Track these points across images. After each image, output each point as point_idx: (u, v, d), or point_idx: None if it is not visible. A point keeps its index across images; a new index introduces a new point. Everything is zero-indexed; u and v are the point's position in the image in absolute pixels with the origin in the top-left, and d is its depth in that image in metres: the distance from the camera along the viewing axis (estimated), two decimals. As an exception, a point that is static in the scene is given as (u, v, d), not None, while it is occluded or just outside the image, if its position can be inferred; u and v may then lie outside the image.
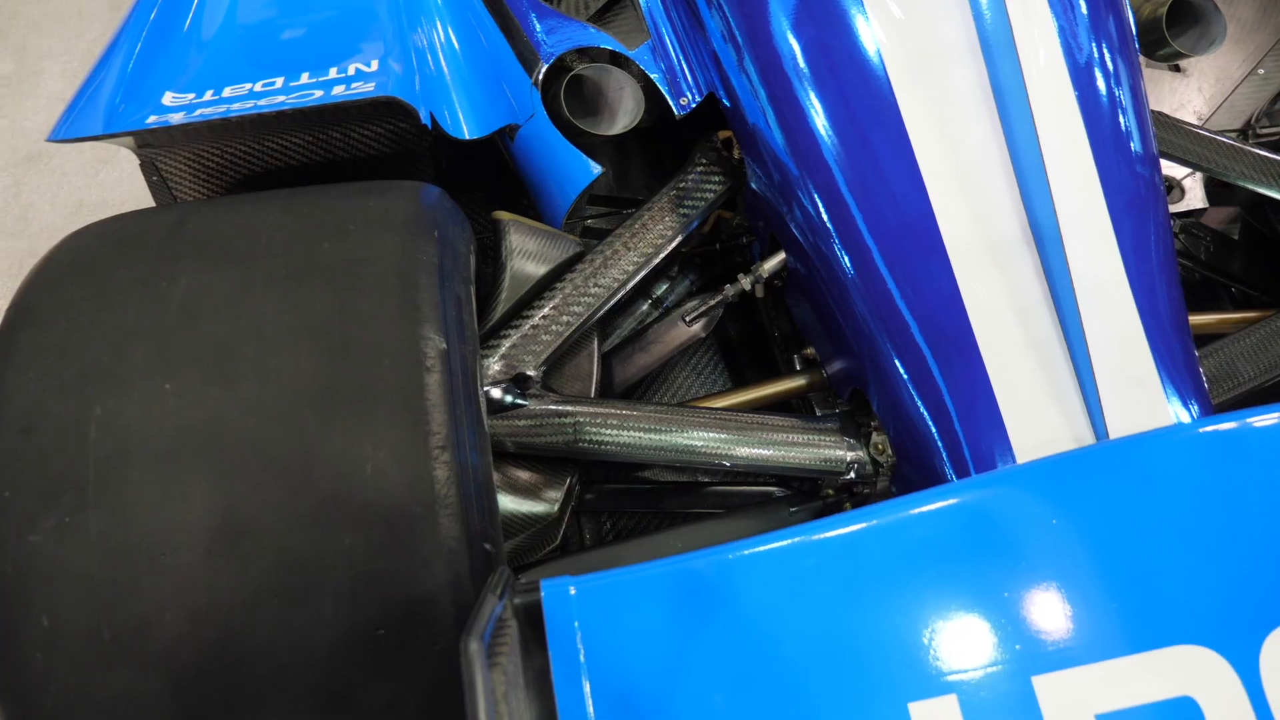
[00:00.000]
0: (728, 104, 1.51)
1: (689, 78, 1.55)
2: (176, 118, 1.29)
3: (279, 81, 1.37)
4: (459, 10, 1.63)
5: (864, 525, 0.92)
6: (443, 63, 1.54)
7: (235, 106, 1.30)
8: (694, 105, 1.53)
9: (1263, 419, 0.96)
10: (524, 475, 1.37)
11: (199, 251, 1.12)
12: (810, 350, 1.72)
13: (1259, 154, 1.53)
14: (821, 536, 0.91)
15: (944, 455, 1.27)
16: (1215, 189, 1.92)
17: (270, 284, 1.08)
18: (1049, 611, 0.87)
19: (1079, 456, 0.95)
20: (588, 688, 0.84)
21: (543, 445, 1.34)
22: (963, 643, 0.86)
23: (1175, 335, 1.26)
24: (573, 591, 0.87)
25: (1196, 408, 1.21)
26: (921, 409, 1.28)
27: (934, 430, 1.28)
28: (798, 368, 1.75)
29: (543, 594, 0.87)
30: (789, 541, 0.90)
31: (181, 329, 1.04)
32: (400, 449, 1.00)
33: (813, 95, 1.34)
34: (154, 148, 1.51)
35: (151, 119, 1.28)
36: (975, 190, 1.27)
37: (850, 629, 0.88)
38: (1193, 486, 0.92)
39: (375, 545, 0.97)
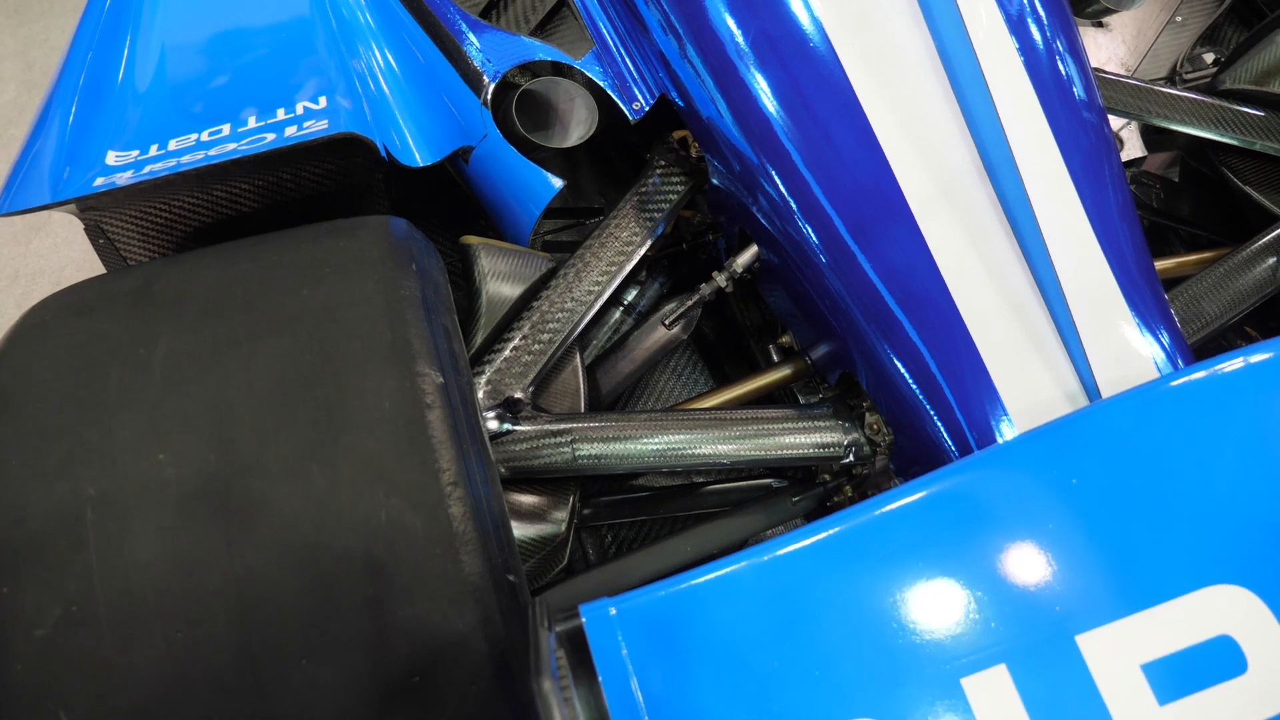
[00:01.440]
0: (680, 103, 1.51)
1: (639, 81, 1.55)
2: (124, 177, 1.25)
3: (225, 129, 1.33)
4: (392, 31, 1.60)
5: (890, 508, 0.93)
6: (386, 89, 1.51)
7: (185, 160, 1.26)
8: (647, 108, 1.53)
9: (1256, 357, 0.98)
10: (528, 500, 1.35)
11: (173, 312, 1.08)
12: (785, 339, 1.73)
13: (1195, 99, 1.58)
14: (850, 525, 0.91)
15: (938, 423, 1.28)
16: (1150, 136, 1.97)
17: (253, 338, 1.04)
18: (1080, 570, 0.89)
19: (1084, 416, 0.97)
20: (643, 706, 0.83)
21: (542, 467, 1.33)
22: (1002, 612, 0.87)
23: (1145, 283, 1.29)
24: (613, 612, 0.86)
25: (1176, 352, 1.25)
26: (909, 380, 1.30)
27: (924, 399, 1.29)
28: (775, 358, 1.76)
29: (584, 619, 0.86)
30: (819, 536, 0.90)
31: (167, 396, 1.00)
32: (412, 491, 0.98)
33: (758, 75, 1.34)
34: (98, 210, 1.45)
35: (99, 181, 1.24)
36: (934, 154, 1.29)
37: (891, 614, 0.88)
38: (1197, 433, 0.95)
39: (400, 593, 0.95)
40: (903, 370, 1.30)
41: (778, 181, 1.36)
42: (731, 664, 0.86)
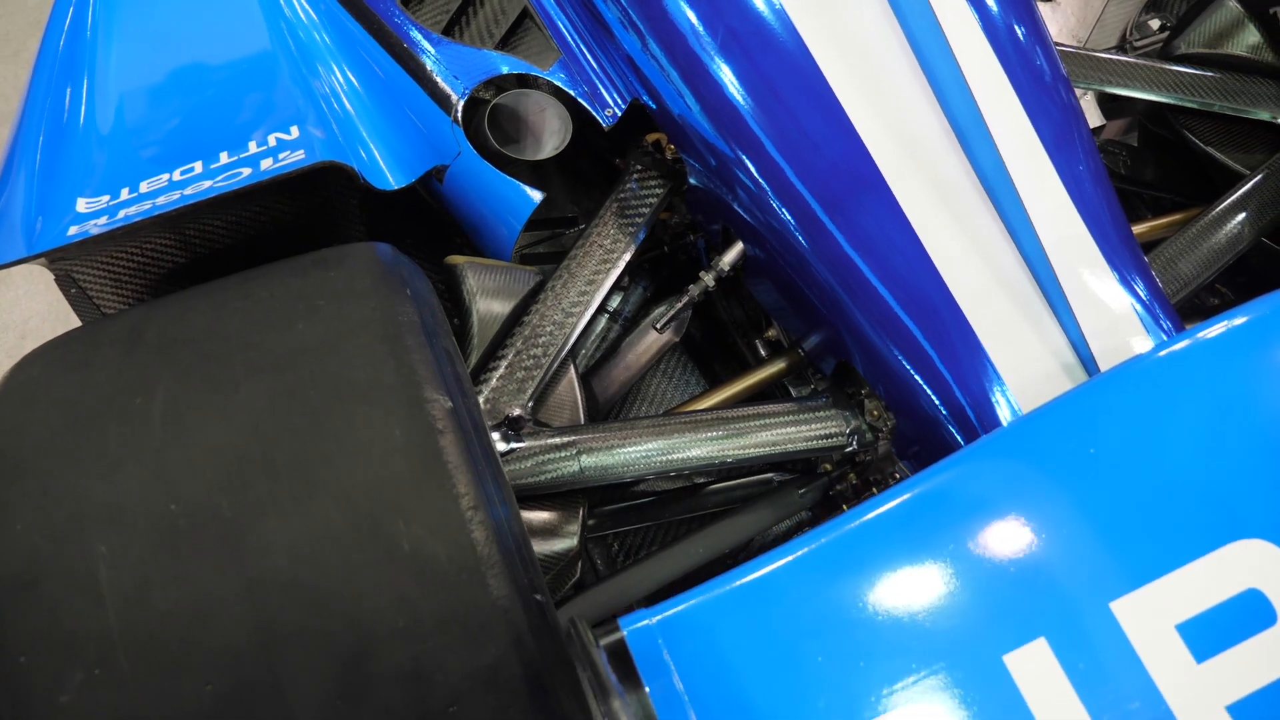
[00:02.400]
0: (652, 105, 1.51)
1: (609, 86, 1.54)
2: (98, 224, 1.22)
3: (197, 166, 1.31)
4: (351, 52, 1.58)
5: (912, 495, 0.93)
6: (353, 113, 1.49)
7: (160, 201, 1.24)
8: (620, 114, 1.52)
9: (1239, 319, 1.00)
10: (538, 516, 1.34)
11: (167, 359, 1.05)
12: (772, 332, 1.74)
13: (1153, 66, 1.61)
14: (877, 514, 0.92)
15: (936, 401, 1.30)
16: (1106, 104, 2.01)
17: (254, 378, 1.02)
18: (1107, 539, 0.90)
19: (1095, 387, 0.99)
20: (692, 713, 0.82)
21: (549, 482, 1.32)
22: (1036, 586, 0.88)
23: (1127, 248, 1.32)
24: (654, 622, 0.86)
25: (1164, 315, 1.27)
26: (903, 360, 1.31)
27: (920, 379, 1.30)
28: (762, 352, 1.76)
29: (625, 634, 0.85)
30: (850, 527, 0.91)
31: (172, 444, 0.98)
32: (432, 519, 0.96)
33: (722, 65, 1.35)
34: (68, 259, 1.42)
35: (73, 230, 1.21)
36: (908, 130, 1.31)
37: (927, 598, 0.89)
38: (1201, 395, 0.96)
39: (430, 623, 0.94)
40: (896, 351, 1.32)
41: (753, 171, 1.36)
42: (774, 662, 0.86)
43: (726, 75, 1.36)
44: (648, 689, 0.83)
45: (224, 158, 1.31)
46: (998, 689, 0.84)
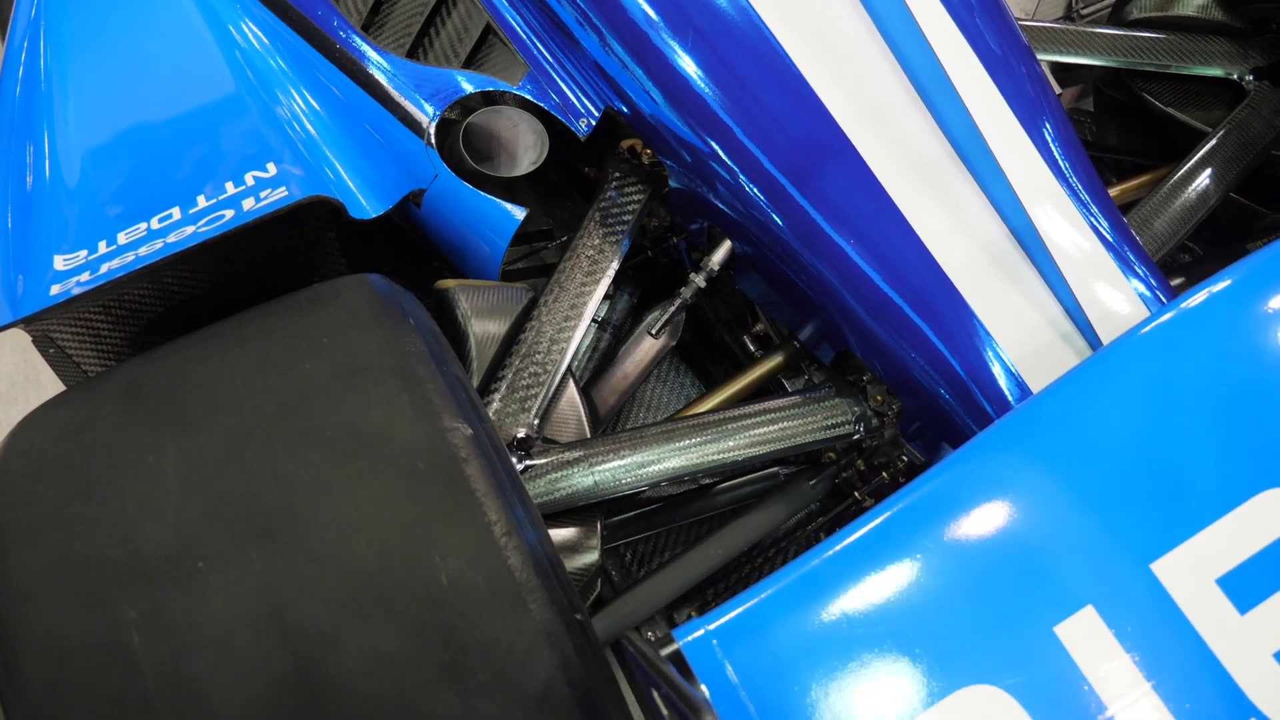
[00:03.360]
0: (625, 110, 1.50)
1: (581, 96, 1.54)
2: (81, 280, 1.18)
3: (175, 213, 1.27)
4: (314, 82, 1.55)
5: (949, 476, 0.94)
6: (321, 141, 1.47)
7: (142, 251, 1.20)
8: (594, 123, 1.52)
9: (1220, 283, 1.03)
10: (559, 534, 1.33)
11: (172, 412, 1.03)
12: (759, 327, 1.75)
13: (1108, 33, 1.65)
14: (915, 499, 0.93)
15: (936, 378, 1.31)
16: (1059, 72, 2.05)
17: (267, 424, 1.00)
18: (1140, 502, 0.92)
19: (1108, 355, 1.00)
20: (756, 716, 0.82)
21: (565, 499, 1.31)
22: (1077, 555, 0.90)
23: (1108, 213, 1.34)
24: (710, 630, 0.86)
25: (1152, 276, 1.30)
26: (900, 341, 1.32)
27: (918, 358, 1.31)
28: (751, 348, 1.77)
29: (681, 646, 0.85)
30: (889, 515, 0.91)
31: (191, 500, 0.95)
32: (468, 550, 0.95)
33: (683, 54, 1.36)
34: (46, 320, 1.37)
35: (55, 290, 1.17)
36: (882, 112, 1.33)
37: (972, 579, 0.89)
38: (1210, 356, 0.98)
39: (477, 654, 0.92)
40: (891, 332, 1.32)
41: (728, 161, 1.37)
42: (830, 656, 0.86)
43: (689, 65, 1.36)
44: (710, 696, 0.82)
45: (202, 201, 1.28)
46: (1052, 660, 0.85)
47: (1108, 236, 1.31)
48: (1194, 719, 0.83)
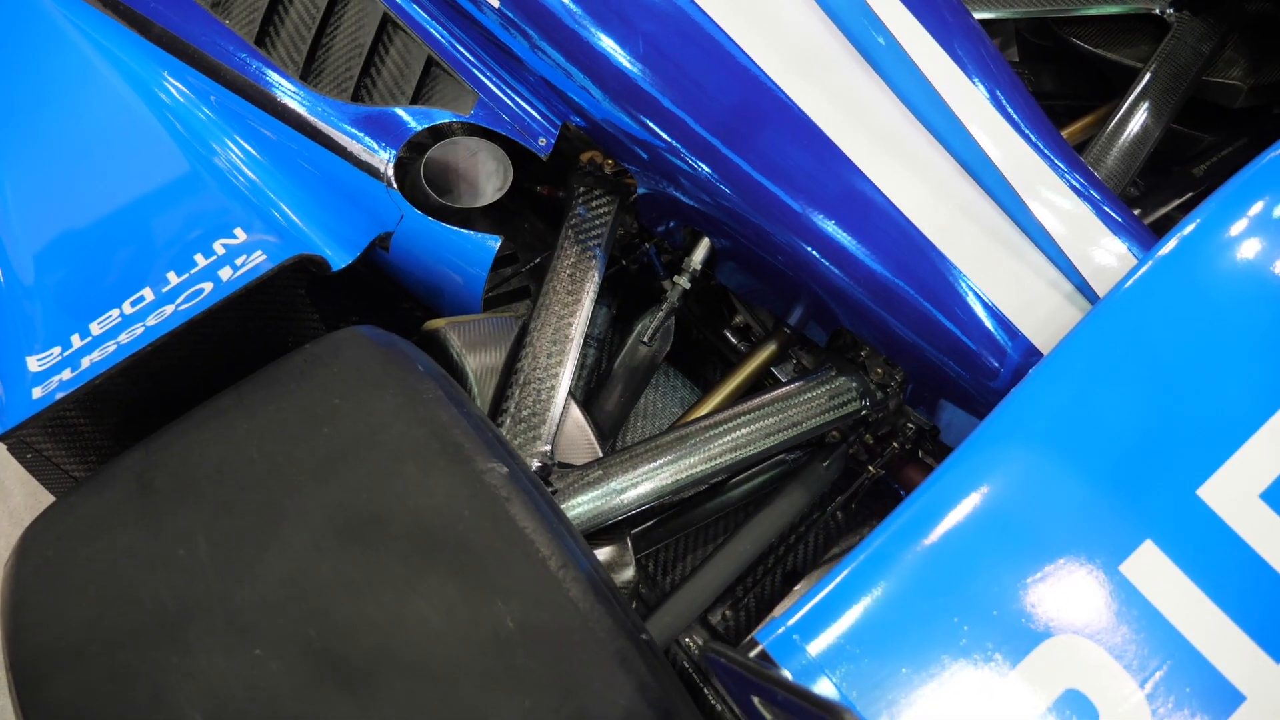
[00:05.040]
0: (580, 121, 1.50)
1: (535, 116, 1.52)
2: (64, 378, 1.13)
3: (147, 294, 1.23)
4: (258, 138, 1.51)
5: (986, 440, 0.96)
6: (276, 198, 1.43)
7: (123, 339, 1.16)
8: (554, 140, 1.50)
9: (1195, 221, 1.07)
10: (598, 555, 1.31)
11: (192, 499, 0.99)
12: (739, 319, 1.75)
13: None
14: (962, 467, 0.94)
15: (932, 343, 1.32)
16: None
17: (298, 496, 0.97)
18: (1175, 433, 0.94)
19: (1115, 302, 1.03)
20: (854, 700, 0.82)
21: (594, 521, 1.29)
22: (1126, 494, 0.92)
23: (1069, 158, 1.38)
24: (790, 625, 0.86)
25: (1123, 215, 1.34)
26: (894, 310, 1.33)
27: (913, 325, 1.33)
28: (733, 340, 1.77)
29: (765, 647, 0.85)
30: (943, 483, 0.92)
31: (234, 587, 0.92)
32: (528, 591, 0.93)
33: (610, 42, 1.37)
34: (24, 428, 1.31)
35: (38, 392, 1.12)
36: (822, 71, 1.35)
37: (1031, 533, 0.91)
38: (1215, 284, 1.02)
39: (555, 692, 0.91)
40: (881, 302, 1.33)
41: (683, 151, 1.38)
42: (911, 628, 0.87)
43: (618, 51, 1.37)
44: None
45: (173, 278, 1.23)
46: (1124, 598, 0.87)
47: (1078, 185, 1.34)
48: (1265, 631, 0.86)
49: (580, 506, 1.29)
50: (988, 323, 1.30)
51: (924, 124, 1.36)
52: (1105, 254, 1.29)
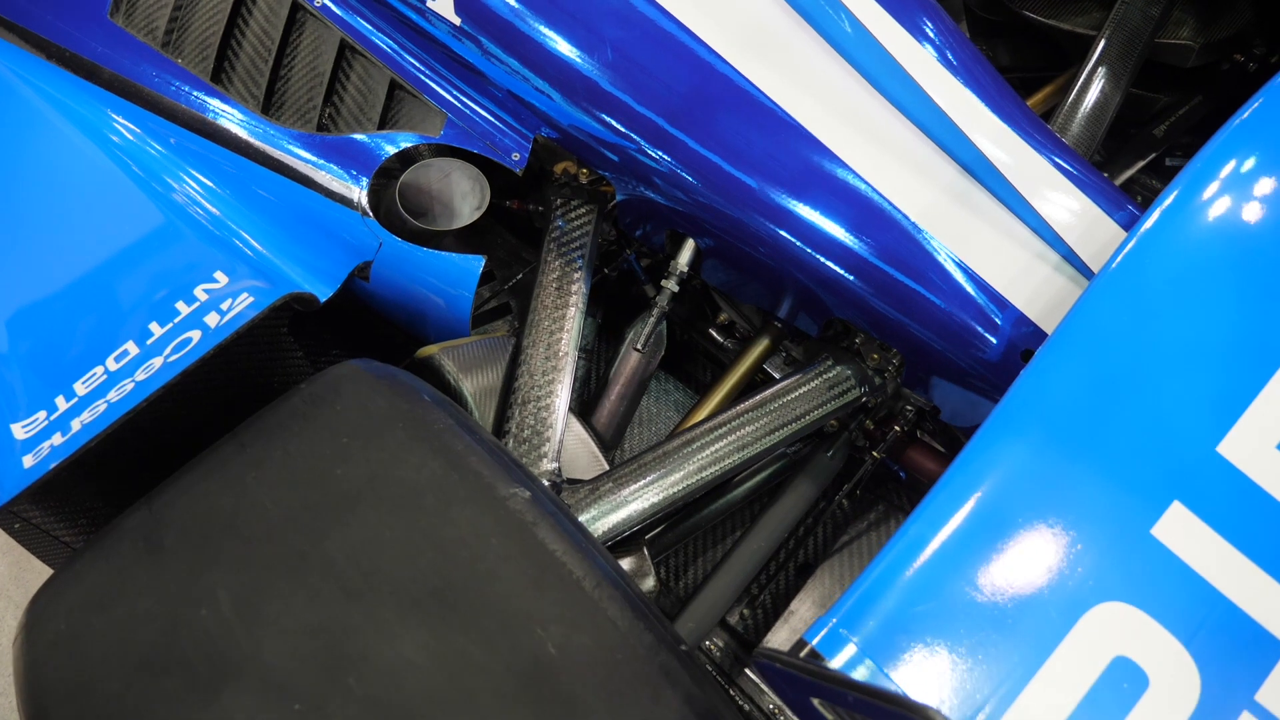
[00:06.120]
0: (552, 133, 1.48)
1: (505, 131, 1.50)
2: (54, 443, 1.10)
3: (130, 348, 1.19)
4: (220, 175, 1.47)
5: (1006, 422, 0.96)
6: (250, 237, 1.40)
7: (112, 397, 1.12)
8: (527, 155, 1.49)
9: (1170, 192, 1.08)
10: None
11: (207, 556, 0.96)
12: (723, 317, 1.75)
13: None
14: (985, 451, 0.94)
15: (924, 324, 1.33)
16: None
17: (318, 542, 0.94)
18: (1188, 393, 0.96)
19: (1117, 272, 1.04)
20: (903, 690, 0.82)
21: (610, 534, 1.28)
22: (1149, 458, 0.93)
23: (1038, 128, 1.40)
24: (835, 623, 0.86)
25: (1100, 182, 1.35)
26: (883, 293, 1.33)
27: (902, 306, 1.33)
28: (719, 338, 1.77)
29: (814, 645, 0.84)
30: (970, 467, 0.93)
31: (262, 642, 0.89)
32: (566, 614, 0.92)
33: (574, 51, 1.36)
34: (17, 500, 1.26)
35: (30, 462, 1.08)
36: (773, 47, 1.36)
37: (1056, 504, 0.92)
38: (1210, 244, 1.03)
39: (603, 712, 0.89)
40: (870, 287, 1.34)
41: (652, 151, 1.38)
42: (953, 614, 0.87)
43: (581, 58, 1.37)
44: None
45: (156, 329, 1.20)
46: (1158, 560, 0.88)
47: (1051, 155, 1.35)
48: (1298, 580, 0.87)
49: (596, 521, 1.27)
50: (976, 296, 1.30)
51: (895, 105, 1.37)
52: (1087, 220, 1.30)
